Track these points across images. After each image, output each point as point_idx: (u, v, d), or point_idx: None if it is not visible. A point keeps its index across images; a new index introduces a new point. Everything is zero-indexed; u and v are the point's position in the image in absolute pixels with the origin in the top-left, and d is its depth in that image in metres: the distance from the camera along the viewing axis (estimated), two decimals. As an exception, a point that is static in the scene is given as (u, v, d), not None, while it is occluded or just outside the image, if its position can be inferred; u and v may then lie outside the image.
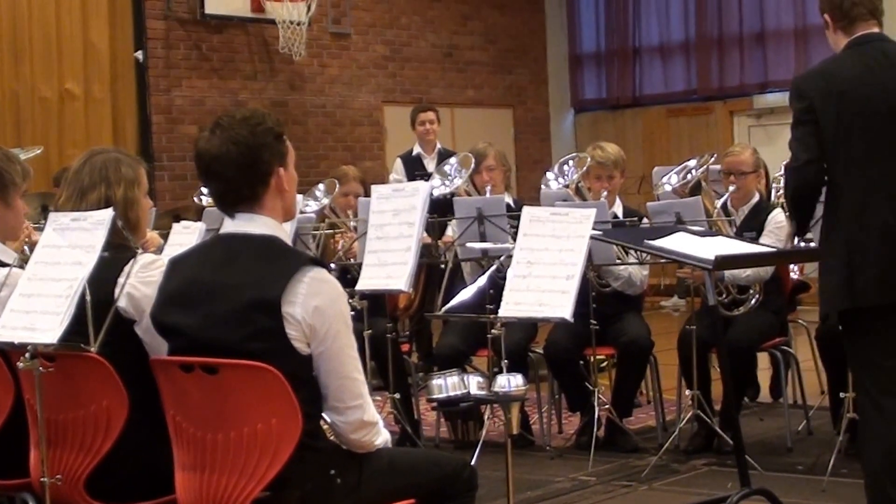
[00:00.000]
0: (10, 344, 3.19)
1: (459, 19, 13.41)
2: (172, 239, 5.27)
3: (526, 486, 5.31)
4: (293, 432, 2.92)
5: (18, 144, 8.78)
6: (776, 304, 6.06)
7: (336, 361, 3.02)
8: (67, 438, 3.28)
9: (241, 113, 3.12)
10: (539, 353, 6.25)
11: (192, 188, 9.22)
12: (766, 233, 5.94)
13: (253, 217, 3.08)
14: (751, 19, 13.38)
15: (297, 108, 11.91)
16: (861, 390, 4.21)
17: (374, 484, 3.11)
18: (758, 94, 13.44)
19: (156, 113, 10.93)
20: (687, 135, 13.83)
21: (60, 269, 3.21)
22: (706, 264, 4.34)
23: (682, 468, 5.61)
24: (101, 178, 3.51)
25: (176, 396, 3.06)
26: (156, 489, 3.24)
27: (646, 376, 6.36)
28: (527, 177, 13.03)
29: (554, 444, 6.16)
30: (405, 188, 5.31)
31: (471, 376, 3.79)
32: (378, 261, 5.10)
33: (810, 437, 6.05)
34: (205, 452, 2.99)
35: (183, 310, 3.06)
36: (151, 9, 10.88)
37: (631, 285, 6.13)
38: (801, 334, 6.81)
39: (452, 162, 6.69)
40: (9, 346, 3.23)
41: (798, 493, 4.96)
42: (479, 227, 5.85)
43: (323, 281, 3.00)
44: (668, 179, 6.28)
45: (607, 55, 14.49)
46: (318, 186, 6.61)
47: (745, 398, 6.45)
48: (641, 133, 14.20)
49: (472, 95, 13.50)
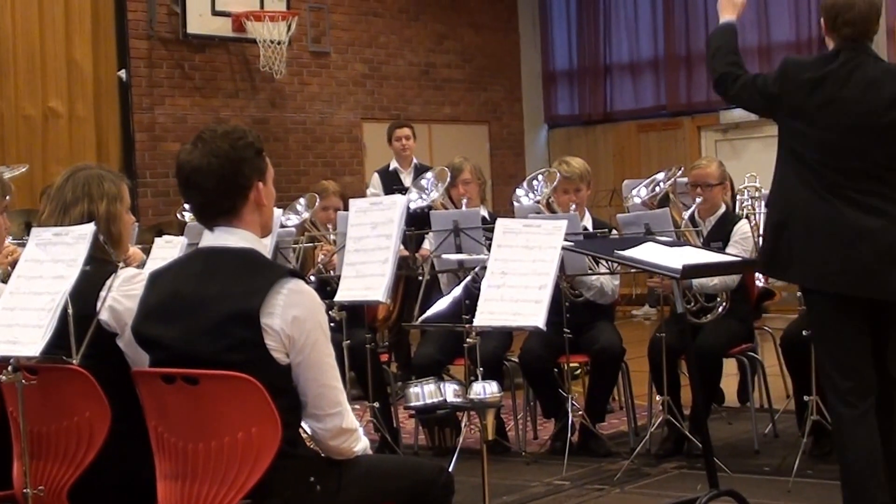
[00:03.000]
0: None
1: (436, 38, 13.43)
2: (155, 253, 5.24)
3: (502, 490, 5.30)
4: (273, 441, 2.90)
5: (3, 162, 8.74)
6: (742, 311, 6.08)
7: (315, 370, 3.00)
8: (50, 450, 3.25)
9: (223, 128, 3.11)
10: (514, 362, 6.25)
11: (174, 204, 9.19)
12: (733, 243, 5.96)
13: (232, 230, 3.07)
14: (717, 37, 13.43)
15: (278, 126, 11.89)
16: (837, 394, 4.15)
17: (353, 490, 3.09)
18: (724, 109, 13.47)
19: (139, 131, 10.89)
20: (656, 149, 13.87)
21: (43, 282, 3.19)
22: (674, 273, 4.34)
23: (653, 471, 5.61)
24: (83, 193, 3.49)
25: (157, 407, 3.04)
26: (138, 499, 3.21)
27: (618, 383, 6.37)
28: (502, 190, 13.03)
29: (529, 449, 6.15)
30: (383, 202, 5.29)
31: (447, 384, 3.79)
32: (357, 273, 5.08)
33: (776, 440, 6.06)
34: (186, 462, 2.98)
35: (164, 323, 3.04)
36: (134, 28, 10.83)
37: (602, 295, 6.13)
38: (766, 341, 6.83)
39: (429, 176, 6.69)
40: (-8, 359, 3.20)
41: (765, 494, 4.97)
42: (455, 240, 5.84)
43: (300, 292, 2.98)
44: (637, 192, 6.30)
45: (579, 73, 14.54)
46: (299, 201, 6.60)
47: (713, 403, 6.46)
48: (612, 147, 14.25)
49: (449, 112, 13.51)
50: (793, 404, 5.85)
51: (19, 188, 7.21)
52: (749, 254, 5.83)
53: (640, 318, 12.23)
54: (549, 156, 14.20)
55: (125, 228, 3.57)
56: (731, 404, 6.89)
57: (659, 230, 5.49)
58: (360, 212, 5.22)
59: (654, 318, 11.39)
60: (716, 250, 5.21)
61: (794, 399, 5.80)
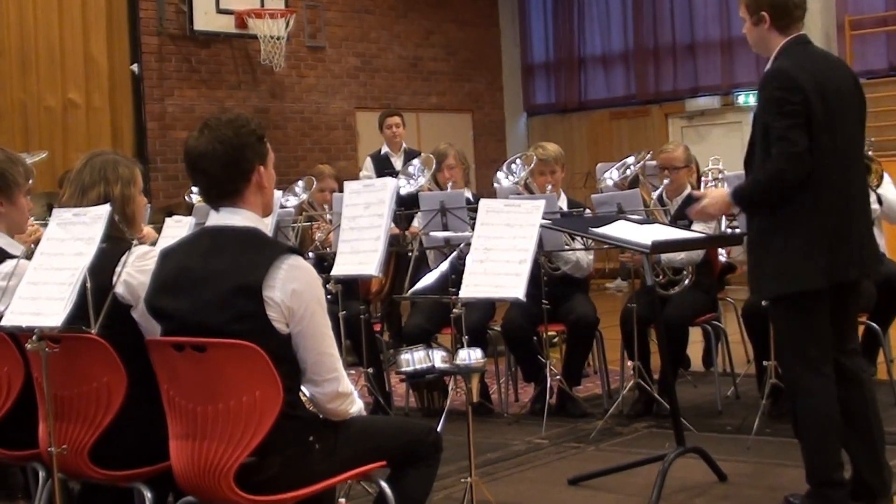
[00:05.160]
0: (19, 328, 3.17)
1: (423, 34, 13.38)
2: (165, 232, 5.23)
3: (486, 448, 5.32)
4: (275, 404, 2.91)
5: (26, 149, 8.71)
6: (707, 284, 6.09)
7: (313, 339, 3.00)
8: (72, 412, 3.25)
9: (227, 116, 3.10)
10: (497, 331, 6.25)
11: (183, 187, 9.16)
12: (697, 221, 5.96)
13: (236, 211, 3.06)
14: (682, 31, 13.44)
15: (278, 115, 11.85)
16: (801, 361, 3.93)
17: (349, 448, 3.10)
18: (689, 98, 13.51)
19: (150, 120, 10.86)
20: (627, 135, 13.87)
21: (63, 259, 3.18)
22: (644, 249, 4.35)
23: (625, 430, 5.63)
24: (100, 177, 3.48)
25: (169, 373, 3.04)
26: (152, 457, 3.22)
27: (592, 350, 6.39)
28: (485, 174, 13.00)
29: (511, 411, 6.17)
30: (375, 184, 5.28)
31: (435, 351, 3.79)
32: (351, 249, 5.08)
33: (738, 401, 6.08)
34: (196, 423, 2.98)
35: (174, 295, 3.04)
36: (146, 25, 10.80)
37: (578, 269, 6.14)
38: (729, 311, 6.85)
39: (416, 163, 6.68)
40: (18, 330, 3.20)
41: (727, 451, 4.98)
42: (442, 219, 5.84)
43: (299, 268, 2.98)
44: (610, 174, 6.30)
45: (556, 64, 14.51)
46: (298, 183, 6.59)
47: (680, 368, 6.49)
48: (587, 134, 14.24)
49: (435, 101, 13.48)
50: (753, 369, 5.88)
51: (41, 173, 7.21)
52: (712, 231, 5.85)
53: (613, 290, 12.25)
54: (528, 142, 14.19)
55: (138, 209, 3.57)
56: (696, 369, 6.92)
57: (630, 209, 5.50)
58: (353, 193, 5.21)
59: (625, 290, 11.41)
60: (682, 228, 5.22)
61: (754, 364, 5.83)
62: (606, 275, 11.82)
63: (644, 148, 7.37)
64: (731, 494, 4.49)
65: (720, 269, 6.58)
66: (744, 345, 6.39)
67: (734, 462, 4.83)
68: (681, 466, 4.53)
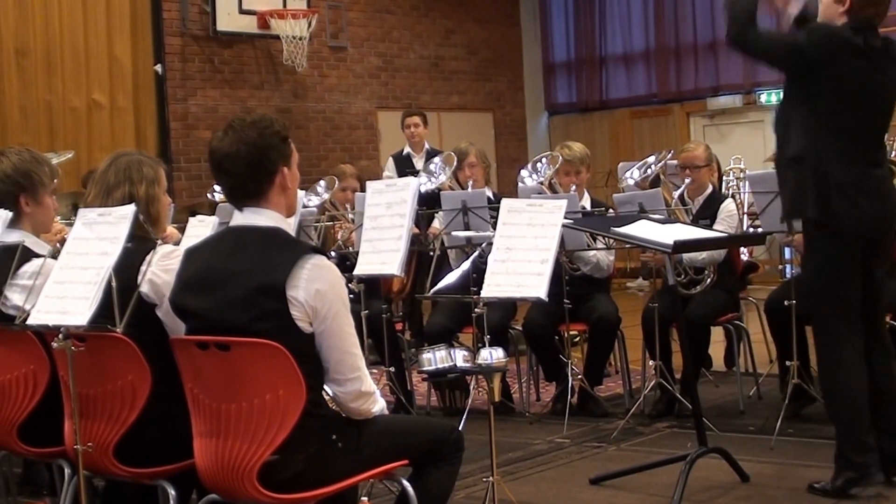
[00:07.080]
0: (46, 326, 3.19)
1: (444, 33, 13.38)
2: (189, 231, 5.24)
3: (507, 447, 5.32)
4: (298, 402, 2.92)
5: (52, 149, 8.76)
6: (729, 283, 6.07)
7: (335, 338, 3.01)
8: (97, 410, 3.27)
9: (251, 117, 3.10)
10: (518, 330, 6.25)
11: (206, 187, 9.20)
12: (719, 220, 5.95)
13: (259, 211, 3.07)
14: (704, 30, 13.38)
15: (300, 114, 11.88)
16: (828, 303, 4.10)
17: (371, 447, 3.11)
18: (711, 96, 13.45)
19: (174, 120, 10.90)
20: (648, 134, 13.84)
21: (89, 258, 3.20)
22: (666, 248, 4.34)
23: (646, 430, 5.63)
24: (125, 177, 3.50)
25: (193, 371, 3.05)
26: (176, 454, 3.24)
27: (614, 349, 6.38)
28: (506, 173, 13.02)
29: (532, 410, 6.17)
30: (397, 184, 5.29)
31: (457, 350, 3.79)
32: (373, 248, 5.09)
33: (760, 402, 6.06)
34: (220, 421, 2.99)
35: (198, 294, 3.05)
36: (169, 26, 10.85)
37: (598, 269, 6.14)
38: (751, 310, 6.82)
39: (437, 161, 6.69)
40: (44, 328, 3.22)
41: (749, 451, 4.97)
42: (464, 218, 5.84)
43: (323, 267, 2.99)
44: (631, 174, 6.28)
45: (577, 63, 14.49)
46: (320, 183, 6.60)
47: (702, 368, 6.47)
48: (608, 133, 14.21)
49: (457, 101, 13.48)
50: (775, 369, 5.86)
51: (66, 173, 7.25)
52: (734, 230, 5.83)
53: (634, 289, 12.21)
54: (549, 141, 14.18)
55: (163, 209, 3.58)
56: (718, 369, 6.90)
57: (651, 209, 5.48)
58: (375, 193, 5.22)
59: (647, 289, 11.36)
60: (704, 227, 5.21)
61: (777, 364, 5.80)
62: (628, 274, 11.78)
63: (665, 147, 7.35)
64: (753, 495, 4.47)
65: (742, 268, 6.56)
66: (766, 344, 6.36)
67: (757, 462, 4.81)
68: (703, 467, 4.52)
